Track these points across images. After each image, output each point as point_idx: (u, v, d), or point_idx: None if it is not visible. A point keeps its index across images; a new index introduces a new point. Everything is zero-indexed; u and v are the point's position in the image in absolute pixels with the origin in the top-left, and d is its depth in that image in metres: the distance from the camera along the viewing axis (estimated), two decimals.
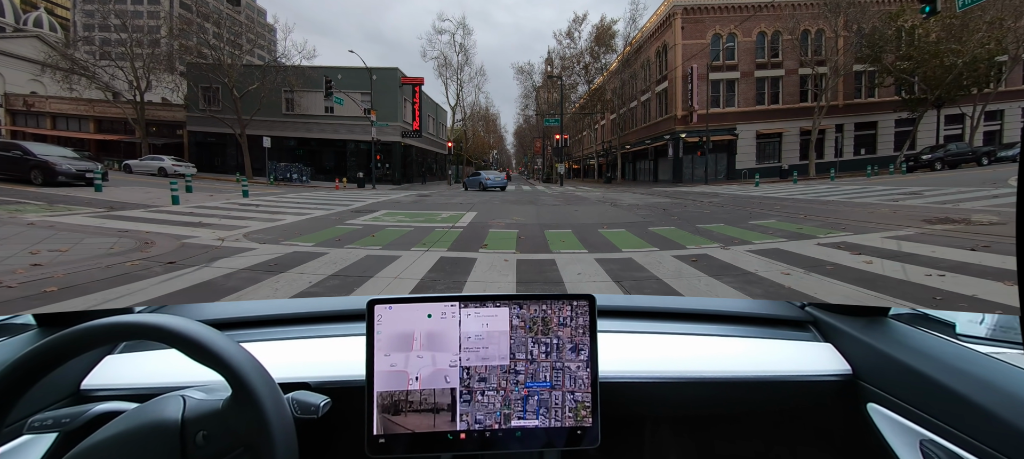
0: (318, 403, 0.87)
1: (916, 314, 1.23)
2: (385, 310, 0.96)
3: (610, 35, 33.05)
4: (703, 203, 11.16)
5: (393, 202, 12.48)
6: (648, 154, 30.83)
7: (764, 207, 9.47)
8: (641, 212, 9.50)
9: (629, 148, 33.45)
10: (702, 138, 25.31)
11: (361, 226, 7.23)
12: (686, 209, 9.61)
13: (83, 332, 0.70)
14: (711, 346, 1.20)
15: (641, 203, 11.91)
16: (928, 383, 0.92)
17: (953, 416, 0.86)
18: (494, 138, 69.15)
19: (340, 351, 1.13)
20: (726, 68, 27.42)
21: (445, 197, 14.44)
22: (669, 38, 28.07)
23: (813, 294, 3.22)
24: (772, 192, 14.09)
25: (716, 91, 27.27)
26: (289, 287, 3.54)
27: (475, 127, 50.62)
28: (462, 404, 0.96)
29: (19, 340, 1.04)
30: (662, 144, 28.69)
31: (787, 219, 7.27)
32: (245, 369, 0.71)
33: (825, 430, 1.22)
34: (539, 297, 0.99)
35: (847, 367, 1.14)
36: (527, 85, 37.94)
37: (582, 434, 0.97)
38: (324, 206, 10.63)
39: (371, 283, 3.75)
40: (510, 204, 11.93)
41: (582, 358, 0.99)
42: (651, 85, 30.82)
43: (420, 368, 0.96)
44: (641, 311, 1.35)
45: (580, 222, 7.99)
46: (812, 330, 1.29)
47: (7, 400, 0.69)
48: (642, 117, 32.76)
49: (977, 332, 1.07)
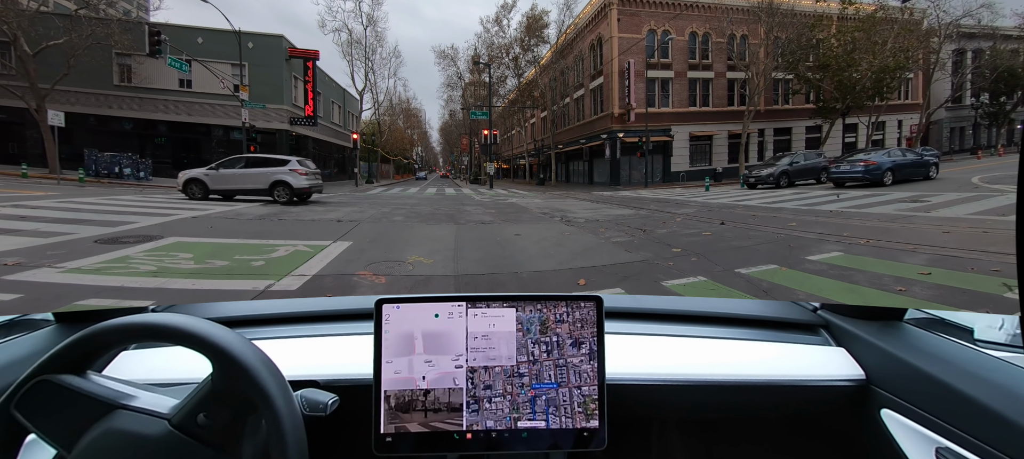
0: (326, 401, 0.88)
1: (932, 318, 1.15)
2: (393, 309, 0.96)
3: (541, 25, 30.45)
4: (681, 218, 8.29)
5: (218, 218, 7.87)
6: (583, 154, 28.82)
7: (763, 222, 6.88)
8: (615, 237, 6.28)
9: (562, 148, 31.25)
10: (641, 138, 23.68)
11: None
12: (672, 230, 6.61)
13: (105, 330, 0.74)
14: (719, 349, 1.16)
15: (601, 217, 8.76)
16: (945, 389, 0.88)
17: (970, 423, 0.82)
18: (418, 133, 63.39)
19: (348, 350, 1.12)
20: (661, 66, 26.34)
21: (323, 210, 10.01)
22: (605, 30, 26.19)
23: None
24: (735, 199, 12.01)
25: (651, 90, 26.02)
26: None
27: (394, 119, 45.01)
28: (468, 404, 0.95)
29: (38, 336, 1.07)
30: (598, 144, 26.80)
31: (851, 249, 4.53)
32: (258, 368, 0.72)
33: (836, 436, 1.17)
34: (547, 298, 0.98)
35: (860, 372, 1.09)
36: (450, 73, 33.71)
37: (589, 436, 0.96)
38: (76, 222, 5.93)
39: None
40: (418, 223, 7.99)
41: (585, 352, 0.97)
42: (585, 81, 28.89)
43: (427, 368, 0.96)
44: (648, 313, 1.30)
45: (535, 268, 4.49)
46: (823, 334, 1.23)
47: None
48: (576, 115, 30.77)
49: (996, 337, 1.00)
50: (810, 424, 1.21)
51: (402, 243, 5.67)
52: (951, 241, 4.75)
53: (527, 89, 33.04)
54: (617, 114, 25.10)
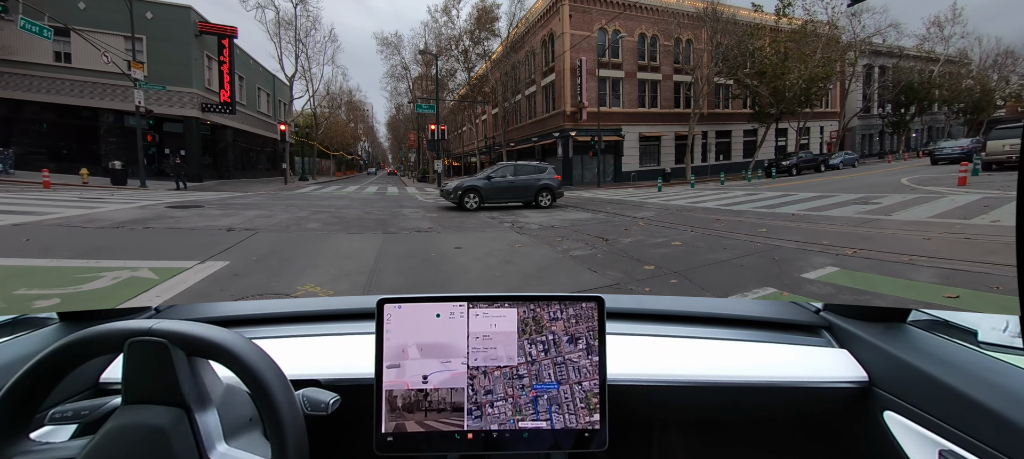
0: (328, 400, 0.87)
1: (936, 320, 1.14)
2: (394, 309, 0.95)
3: (492, 18, 29.29)
4: (644, 223, 7.55)
5: (53, 226, 6.02)
6: (536, 153, 28.13)
7: (730, 228, 6.28)
8: (574, 248, 5.34)
9: (514, 146, 30.39)
10: (594, 137, 23.33)
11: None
12: (638, 239, 5.79)
13: (102, 333, 0.73)
14: (721, 350, 1.15)
15: (556, 222, 7.82)
16: (948, 392, 0.87)
17: (974, 426, 0.81)
18: (364, 128, 59.56)
19: (350, 349, 1.12)
20: (612, 66, 26.26)
21: (219, 214, 8.21)
22: (556, 26, 25.60)
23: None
24: (690, 200, 11.68)
25: (603, 89, 25.85)
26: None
27: (334, 111, 41.65)
28: (470, 404, 0.95)
29: (41, 335, 1.07)
30: (550, 142, 26.22)
31: (843, 262, 3.87)
32: (260, 366, 0.73)
33: (839, 438, 1.16)
34: (548, 298, 0.97)
35: (863, 374, 1.08)
36: (394, 62, 31.32)
37: (590, 437, 0.95)
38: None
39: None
40: (336, 232, 6.54)
41: (581, 347, 0.96)
42: (537, 77, 28.21)
43: (428, 368, 0.95)
44: (649, 313, 1.29)
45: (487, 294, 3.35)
46: (825, 335, 1.23)
47: (42, 389, 0.74)
48: (528, 112, 30.04)
49: (1001, 339, 0.99)
50: (812, 426, 1.21)
51: (302, 263, 4.29)
52: (941, 250, 4.27)
53: (478, 85, 31.80)
54: (569, 112, 24.62)
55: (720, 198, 11.94)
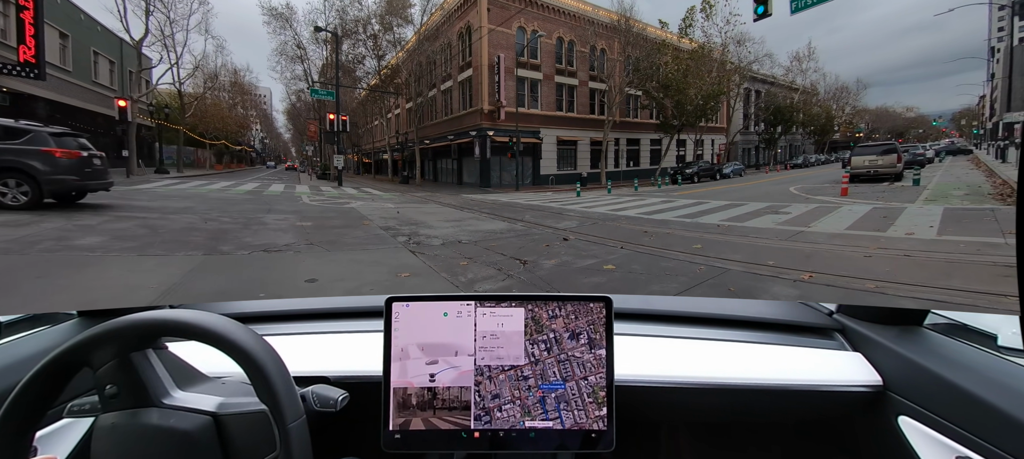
0: (336, 397, 0.88)
1: (954, 324, 1.12)
2: (403, 308, 0.95)
3: (405, 4, 26.94)
4: (572, 236, 6.45)
5: None
6: (452, 151, 26.57)
7: (662, 243, 5.49)
8: (480, 278, 4.02)
9: (429, 143, 28.43)
10: (512, 138, 22.50)
11: None
12: (562, 260, 4.65)
13: (121, 326, 0.75)
14: (731, 352, 1.14)
15: (466, 236, 6.38)
16: (966, 397, 0.85)
17: (993, 433, 0.79)
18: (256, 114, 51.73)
19: (358, 347, 1.12)
20: (531, 66, 25.79)
21: None
22: (474, 19, 24.32)
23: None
24: (611, 208, 11.15)
25: (521, 89, 25.24)
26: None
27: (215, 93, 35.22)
28: (476, 402, 0.94)
29: (60, 329, 1.09)
30: (467, 141, 24.85)
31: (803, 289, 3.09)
32: (263, 360, 0.73)
33: (852, 442, 1.14)
34: (556, 297, 0.96)
35: (877, 378, 1.06)
36: (285, 38, 26.66)
37: (596, 437, 0.94)
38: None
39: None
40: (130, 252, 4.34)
41: (584, 342, 0.95)
42: (454, 72, 26.68)
43: (435, 366, 0.94)
44: (658, 315, 1.28)
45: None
46: (839, 338, 1.21)
47: (56, 385, 0.75)
48: (443, 108, 28.31)
49: (1021, 344, 0.92)
50: (824, 430, 1.18)
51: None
52: (896, 273, 3.79)
53: (390, 76, 29.13)
54: (487, 110, 23.52)
55: (639, 206, 11.63)
